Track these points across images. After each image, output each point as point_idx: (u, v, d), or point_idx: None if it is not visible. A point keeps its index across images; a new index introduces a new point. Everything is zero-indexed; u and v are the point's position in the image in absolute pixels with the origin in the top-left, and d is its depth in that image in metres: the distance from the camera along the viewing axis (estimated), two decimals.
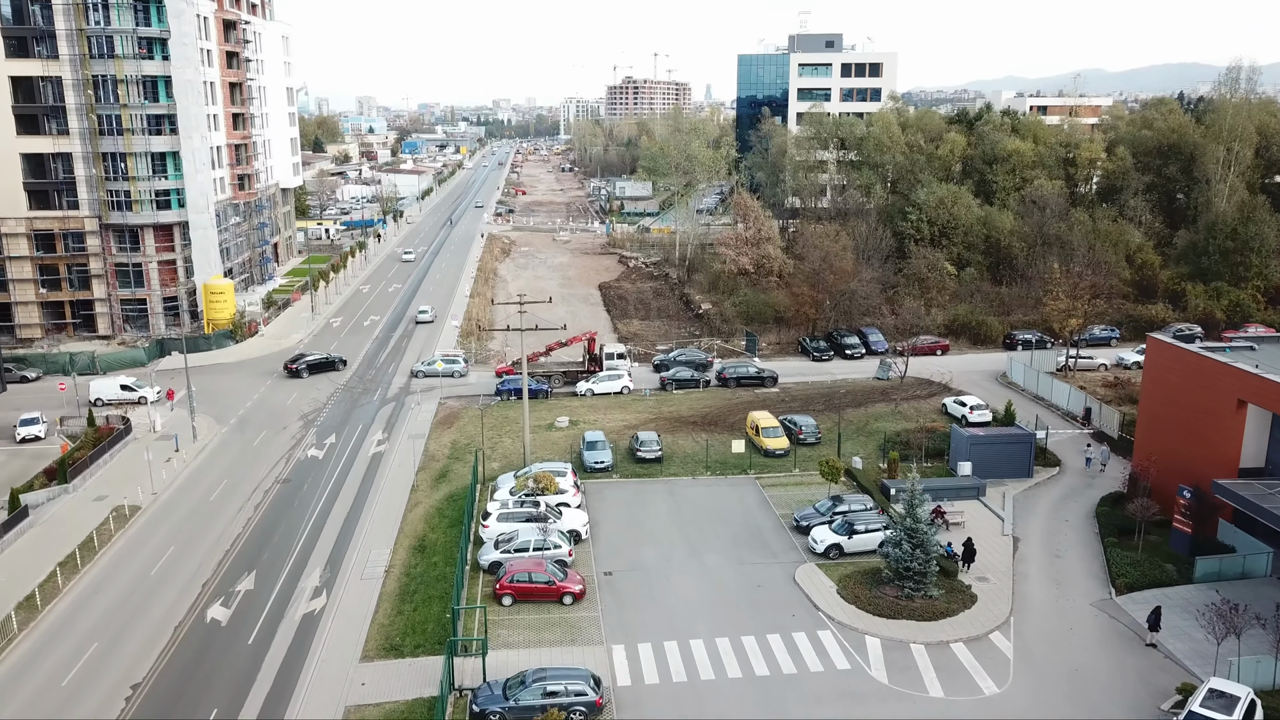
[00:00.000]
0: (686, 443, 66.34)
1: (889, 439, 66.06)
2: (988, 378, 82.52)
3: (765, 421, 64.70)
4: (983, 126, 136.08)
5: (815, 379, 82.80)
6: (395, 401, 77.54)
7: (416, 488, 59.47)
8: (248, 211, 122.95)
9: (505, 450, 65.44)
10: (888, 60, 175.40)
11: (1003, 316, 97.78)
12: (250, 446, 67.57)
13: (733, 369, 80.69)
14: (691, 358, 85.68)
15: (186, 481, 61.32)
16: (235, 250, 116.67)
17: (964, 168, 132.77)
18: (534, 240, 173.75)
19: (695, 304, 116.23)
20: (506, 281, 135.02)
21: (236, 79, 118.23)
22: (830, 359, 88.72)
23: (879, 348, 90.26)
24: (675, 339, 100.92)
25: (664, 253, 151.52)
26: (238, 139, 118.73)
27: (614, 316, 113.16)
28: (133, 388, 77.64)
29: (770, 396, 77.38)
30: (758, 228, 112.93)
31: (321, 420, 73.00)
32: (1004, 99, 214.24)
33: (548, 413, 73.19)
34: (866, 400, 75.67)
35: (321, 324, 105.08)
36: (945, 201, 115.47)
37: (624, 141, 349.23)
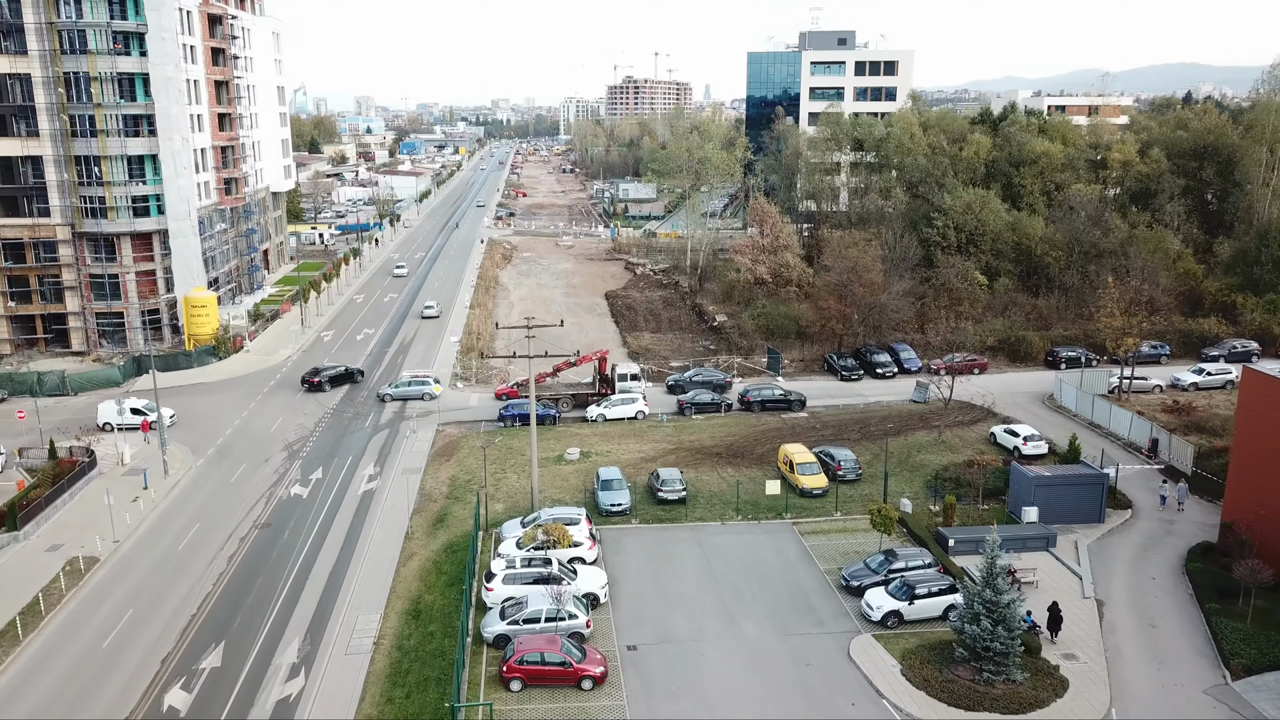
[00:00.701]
0: (711, 479, 59.71)
1: (936, 475, 59.50)
2: (1033, 400, 75.94)
3: (800, 456, 58.09)
4: (1008, 127, 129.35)
5: (846, 402, 76.21)
6: (389, 429, 70.91)
7: (411, 535, 52.85)
8: (235, 217, 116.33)
9: (510, 488, 58.81)
10: (903, 58, 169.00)
11: (1042, 331, 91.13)
12: (227, 483, 60.91)
13: (757, 391, 74.09)
14: (709, 377, 79.18)
15: (153, 526, 54.65)
16: (221, 259, 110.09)
17: (988, 170, 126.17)
18: (536, 245, 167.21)
19: (709, 315, 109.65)
20: (508, 290, 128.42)
21: (223, 77, 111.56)
22: (860, 378, 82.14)
23: (912, 366, 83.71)
24: (690, 355, 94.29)
25: (672, 259, 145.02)
26: (224, 140, 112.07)
27: (623, 329, 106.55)
28: (144, 411, 71.18)
29: (799, 423, 70.78)
30: (775, 234, 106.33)
31: (308, 451, 66.34)
32: (1020, 99, 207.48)
33: (556, 442, 66.55)
34: (905, 427, 69.10)
35: (311, 338, 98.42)
36: (973, 206, 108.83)
37: (626, 142, 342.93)
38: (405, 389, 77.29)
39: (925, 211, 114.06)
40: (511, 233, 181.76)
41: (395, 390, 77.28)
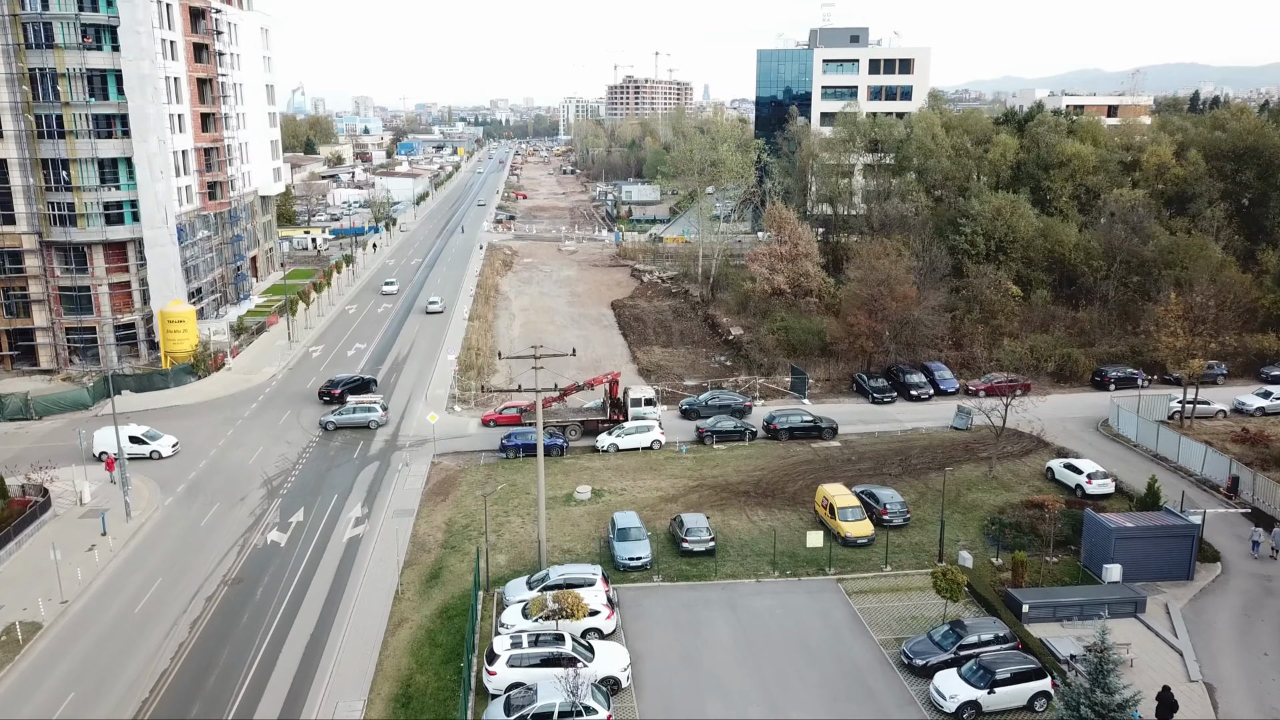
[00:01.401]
0: (741, 523, 53.13)
1: (993, 519, 52.94)
2: (1085, 427, 69.42)
3: (842, 499, 51.51)
4: (1035, 128, 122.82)
5: (880, 428, 69.63)
6: (379, 460, 64.29)
7: (402, 594, 46.26)
8: (220, 223, 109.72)
9: (513, 535, 52.20)
10: (920, 56, 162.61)
11: (1085, 348, 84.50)
12: (197, 527, 54.30)
13: (784, 417, 67.48)
14: (726, 401, 72.62)
15: (108, 583, 48.05)
16: (205, 268, 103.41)
17: (1015, 173, 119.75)
18: (537, 251, 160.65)
19: (723, 327, 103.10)
20: (509, 299, 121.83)
21: (206, 74, 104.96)
22: (892, 401, 75.57)
23: (949, 387, 77.20)
24: (705, 372, 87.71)
25: (681, 265, 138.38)
26: (207, 142, 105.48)
27: (631, 343, 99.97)
28: (144, 439, 64.78)
29: (832, 454, 64.20)
30: (793, 242, 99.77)
31: (289, 487, 59.73)
32: (1038, 98, 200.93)
33: (564, 478, 59.92)
34: (949, 459, 62.53)
35: (299, 354, 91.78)
36: (1003, 211, 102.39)
37: (627, 143, 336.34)
38: (350, 416, 70.30)
39: (951, 217, 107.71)
40: (512, 237, 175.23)
41: (339, 418, 70.22)
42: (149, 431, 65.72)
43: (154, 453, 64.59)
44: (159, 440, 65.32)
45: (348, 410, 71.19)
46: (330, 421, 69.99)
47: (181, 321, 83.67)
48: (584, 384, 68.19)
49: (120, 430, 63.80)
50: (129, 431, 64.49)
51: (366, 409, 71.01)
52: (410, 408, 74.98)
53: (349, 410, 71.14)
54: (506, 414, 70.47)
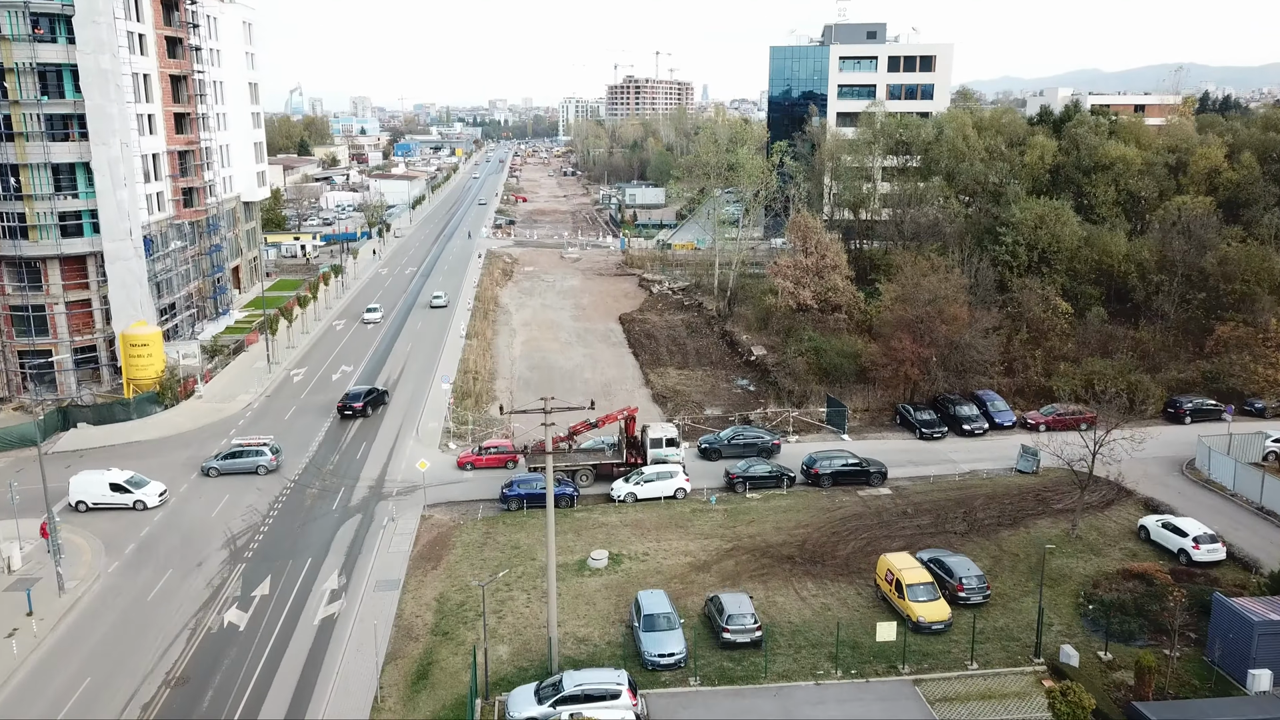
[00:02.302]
0: (788, 600, 44.67)
1: (1088, 597, 44.51)
2: (1167, 469, 61.02)
3: (911, 574, 43.02)
4: (1075, 129, 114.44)
5: (934, 471, 61.15)
6: (361, 512, 55.77)
7: (382, 700, 37.76)
8: (196, 232, 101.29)
9: (517, 618, 43.68)
10: (941, 53, 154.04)
11: (1150, 374, 75.98)
12: (142, 602, 45.83)
13: (826, 461, 58.95)
14: (752, 439, 64.02)
15: (24, 685, 39.53)
16: (179, 281, 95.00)
17: (1053, 177, 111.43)
18: (539, 258, 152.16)
19: (743, 346, 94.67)
20: (510, 313, 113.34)
21: (180, 71, 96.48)
22: (943, 437, 67.11)
23: (1005, 420, 68.78)
24: (727, 400, 79.31)
25: (693, 274, 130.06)
26: (182, 144, 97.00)
27: (644, 363, 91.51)
28: (127, 487, 56.45)
29: (883, 504, 55.73)
30: (820, 253, 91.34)
31: (256, 547, 51.24)
32: (1060, 97, 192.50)
33: (575, 538, 51.40)
34: (1020, 512, 54.15)
35: (279, 379, 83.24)
36: (1046, 219, 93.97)
37: (629, 144, 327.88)
38: (234, 462, 61.35)
39: (988, 225, 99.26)
40: (512, 243, 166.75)
41: (222, 464, 61.29)
42: (133, 478, 57.20)
43: (138, 503, 56.21)
44: (144, 488, 56.82)
45: (231, 453, 61.96)
46: (213, 468, 60.51)
47: (145, 345, 75.15)
48: (596, 422, 59.71)
49: (100, 476, 56.34)
50: (109, 478, 56.48)
51: (255, 452, 61.67)
52: (399, 446, 66.45)
53: (232, 453, 61.94)
54: (486, 455, 61.97)
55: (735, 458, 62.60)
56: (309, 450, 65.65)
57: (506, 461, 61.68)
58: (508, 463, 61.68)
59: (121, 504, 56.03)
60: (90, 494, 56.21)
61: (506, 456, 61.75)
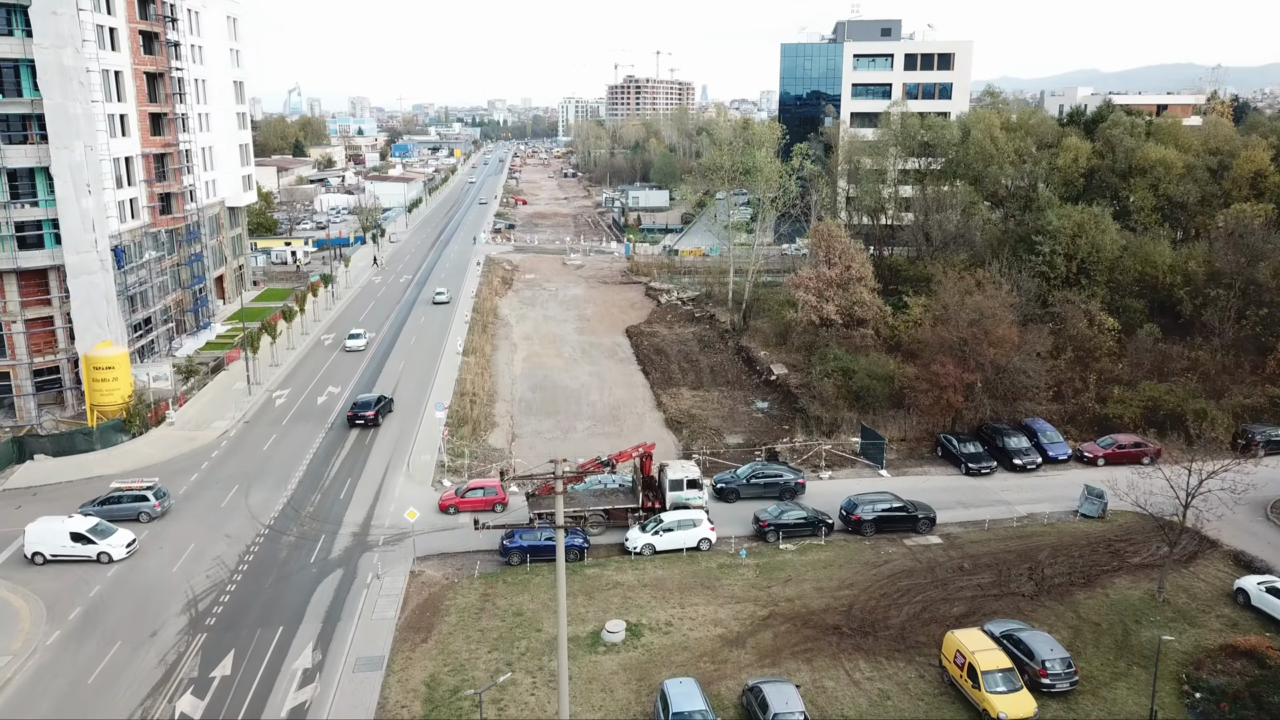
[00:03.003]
0: (838, 684, 38.02)
1: (1193, 680, 37.89)
2: (1250, 512, 54.29)
3: (986, 658, 36.35)
4: (1109, 130, 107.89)
5: (986, 514, 54.51)
6: (343, 567, 49.09)
7: None
8: (175, 241, 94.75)
9: (520, 709, 36.98)
10: (960, 50, 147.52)
11: (1211, 399, 69.30)
12: (82, 686, 39.15)
13: (868, 505, 52.29)
14: (774, 476, 57.22)
15: None
16: (155, 294, 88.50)
17: (1088, 182, 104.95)
18: (540, 265, 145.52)
19: (761, 364, 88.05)
20: (510, 326, 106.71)
21: (156, 68, 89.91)
22: (990, 472, 60.43)
23: (1058, 453, 62.14)
24: (747, 425, 72.73)
25: (703, 283, 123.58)
26: (158, 146, 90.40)
27: (654, 383, 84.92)
28: (90, 537, 49.65)
29: (935, 556, 49.11)
30: (845, 263, 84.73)
31: (220, 612, 44.58)
32: (1079, 97, 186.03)
33: (587, 602, 44.73)
34: (1093, 568, 47.55)
35: (259, 401, 76.56)
36: (1085, 227, 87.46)
37: (630, 144, 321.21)
38: (112, 508, 53.46)
39: (1023, 234, 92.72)
40: (511, 249, 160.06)
41: (99, 510, 53.15)
42: (98, 525, 50.50)
43: (102, 555, 49.48)
44: (109, 538, 50.08)
45: (109, 498, 54.24)
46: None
47: (110, 368, 68.44)
48: (608, 460, 53.03)
49: (60, 524, 49.79)
50: (71, 526, 49.69)
51: (136, 497, 54.18)
52: (387, 483, 59.74)
53: (110, 498, 54.25)
54: (471, 497, 55.31)
55: (755, 498, 55.94)
56: (287, 488, 58.95)
57: (494, 504, 54.99)
58: (495, 505, 55.00)
59: (84, 556, 49.32)
60: (49, 544, 49.52)
61: (493, 500, 55.05)
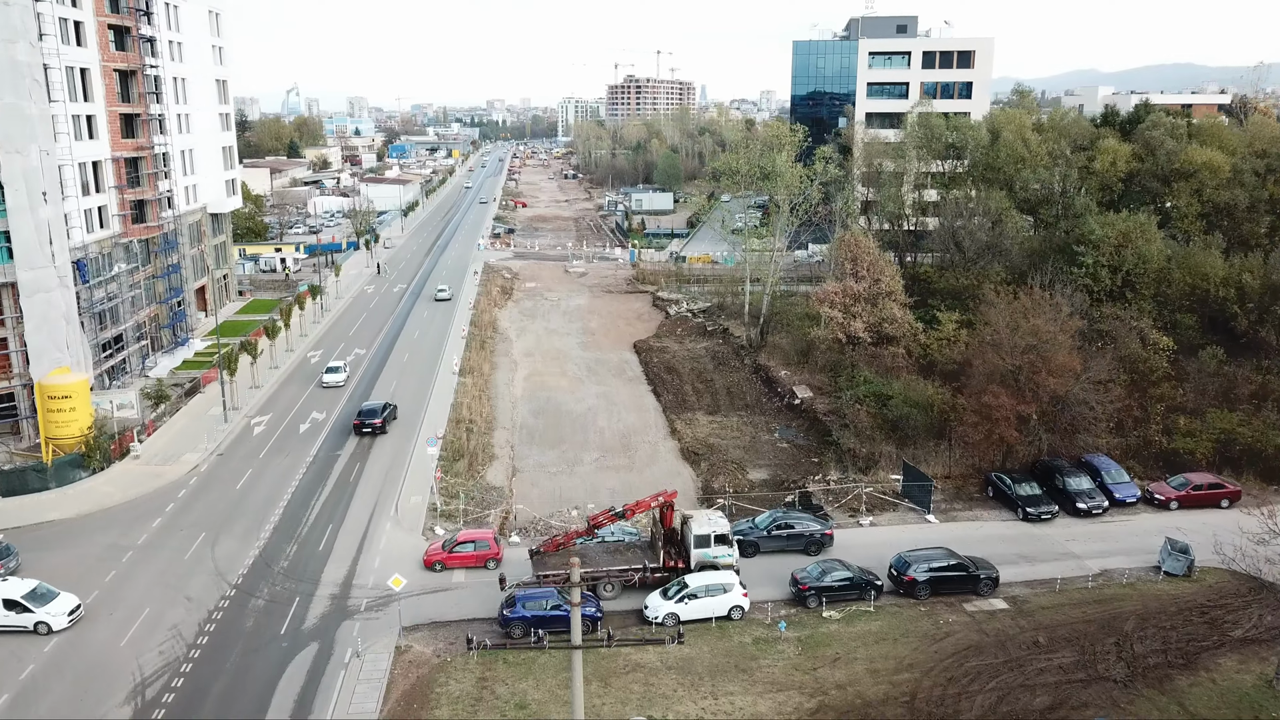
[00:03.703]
0: None
1: None
2: None
3: None
4: (1149, 131, 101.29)
5: (1055, 570, 47.79)
6: (318, 640, 42.34)
7: None
8: (150, 251, 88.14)
9: None
10: (981, 47, 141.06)
11: None
12: None
13: (921, 562, 45.62)
14: (798, 526, 50.25)
15: None
16: (126, 309, 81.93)
17: (1127, 187, 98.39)
18: (541, 272, 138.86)
19: (782, 385, 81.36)
20: (510, 340, 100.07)
21: (128, 65, 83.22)
22: (1052, 518, 53.73)
23: (1125, 495, 55.46)
24: (772, 457, 66.12)
25: (714, 293, 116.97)
26: (130, 150, 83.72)
27: (667, 406, 78.32)
28: (27, 605, 42.76)
29: (1003, 628, 42.40)
30: (874, 277, 78.12)
31: (169, 703, 37.87)
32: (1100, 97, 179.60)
33: (603, 690, 37.97)
34: (1189, 642, 40.89)
35: (237, 429, 69.86)
36: (1131, 237, 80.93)
37: (632, 145, 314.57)
38: None
39: (1063, 243, 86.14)
40: (511, 255, 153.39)
41: None
42: (37, 588, 43.76)
43: (40, 625, 42.66)
44: (50, 604, 43.25)
45: None
46: None
47: (67, 397, 61.71)
48: (623, 510, 46.36)
49: None
50: (5, 592, 42.98)
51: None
52: (373, 531, 53.04)
53: None
54: (461, 552, 48.56)
55: (777, 552, 49.03)
56: (260, 536, 52.24)
57: (486, 560, 48.34)
58: (488, 562, 48.34)
59: (19, 626, 42.64)
60: None
61: (485, 555, 48.37)
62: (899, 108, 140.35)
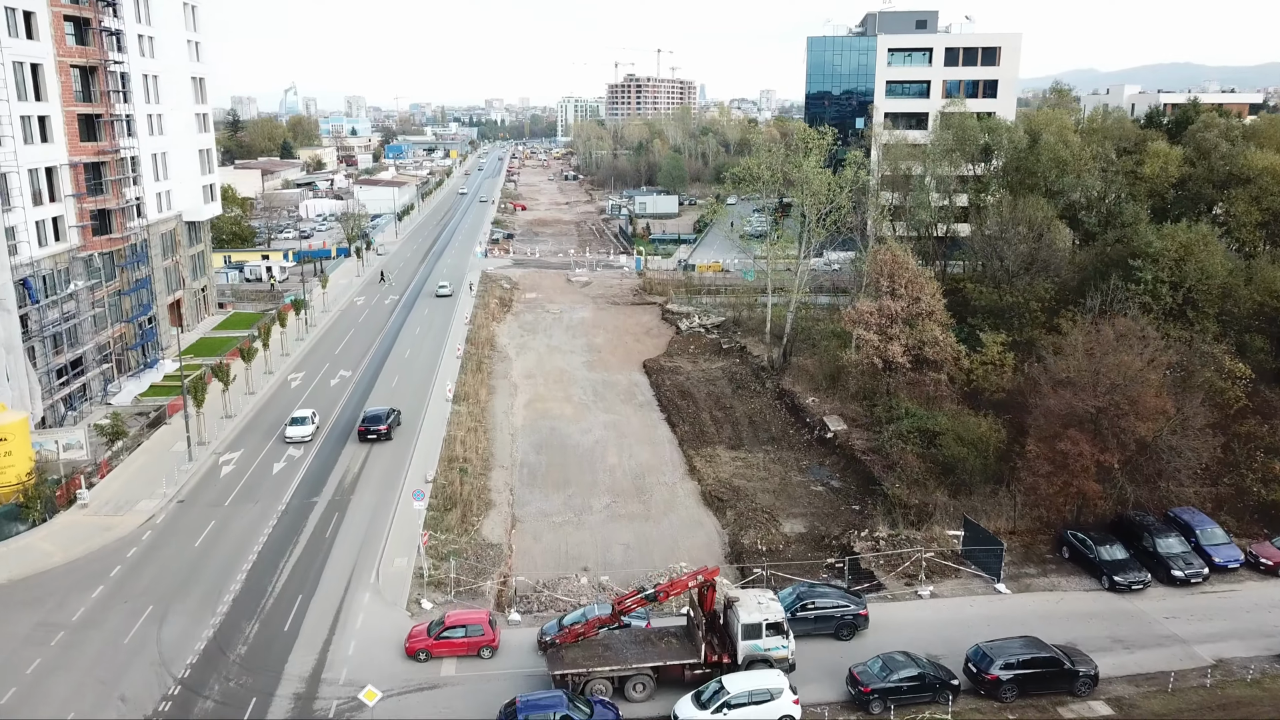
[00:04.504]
0: None
1: None
2: None
3: None
4: (1201, 133, 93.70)
5: (1158, 660, 40.07)
6: None
7: None
8: (114, 265, 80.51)
9: None
10: (1007, 44, 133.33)
11: None
12: None
13: (1005, 656, 37.82)
14: (829, 607, 42.01)
15: None
16: (86, 330, 74.30)
17: (1179, 194, 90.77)
18: (542, 281, 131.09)
19: (811, 415, 73.62)
20: (509, 359, 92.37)
21: (88, 61, 75.59)
22: (1143, 587, 45.94)
23: (1226, 559, 47.62)
24: (807, 504, 58.39)
25: (728, 305, 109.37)
26: (91, 154, 76.06)
27: (683, 438, 70.68)
28: None
29: None
30: (913, 295, 70.39)
31: None
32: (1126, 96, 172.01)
33: None
34: None
35: (203, 468, 62.10)
36: (1192, 249, 73.26)
37: (633, 145, 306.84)
38: None
39: (1118, 257, 78.39)
40: (510, 263, 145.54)
41: None
42: None
43: None
44: None
45: None
46: None
47: (2, 440, 53.92)
48: (655, 592, 38.57)
49: None
50: None
51: None
52: (349, 605, 45.18)
53: None
54: (449, 637, 40.59)
55: (804, 636, 40.75)
56: (217, 611, 44.46)
57: (479, 648, 40.51)
58: (481, 649, 40.53)
59: None
60: None
61: (478, 642, 40.48)
62: (920, 107, 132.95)
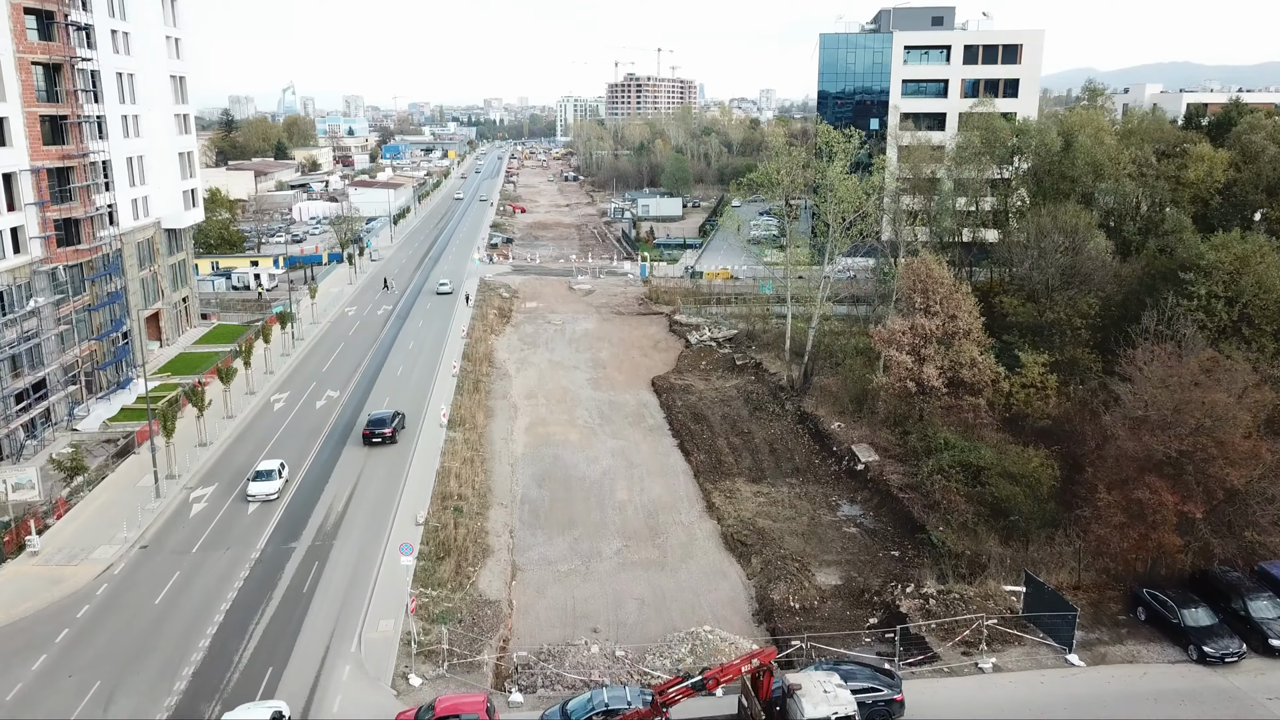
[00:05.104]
0: None
1: None
2: None
3: None
4: (1248, 134, 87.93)
5: None
6: None
7: None
8: (83, 277, 74.68)
9: None
10: (1029, 41, 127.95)
11: None
12: None
13: None
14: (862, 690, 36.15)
15: None
16: (51, 349, 68.52)
17: (1225, 200, 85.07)
18: (543, 289, 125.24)
19: (838, 443, 67.72)
20: (509, 377, 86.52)
21: (53, 58, 69.78)
22: (1237, 659, 40.11)
23: None
24: (840, 551, 52.55)
25: (740, 315, 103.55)
26: (55, 159, 70.24)
27: (699, 469, 64.84)
28: None
29: None
30: (948, 313, 64.53)
31: None
32: (1147, 95, 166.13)
33: None
34: None
35: (172, 506, 56.23)
36: (1249, 260, 67.50)
37: (634, 145, 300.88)
38: None
39: (1166, 270, 72.57)
40: (509, 269, 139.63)
41: None
42: None
43: None
44: None
45: None
46: None
47: None
48: (702, 679, 32.69)
49: None
50: None
51: None
52: (324, 681, 39.20)
53: None
54: None
55: None
56: (174, 688, 38.57)
57: None
58: None
59: None
60: None
61: None
62: (938, 107, 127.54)
